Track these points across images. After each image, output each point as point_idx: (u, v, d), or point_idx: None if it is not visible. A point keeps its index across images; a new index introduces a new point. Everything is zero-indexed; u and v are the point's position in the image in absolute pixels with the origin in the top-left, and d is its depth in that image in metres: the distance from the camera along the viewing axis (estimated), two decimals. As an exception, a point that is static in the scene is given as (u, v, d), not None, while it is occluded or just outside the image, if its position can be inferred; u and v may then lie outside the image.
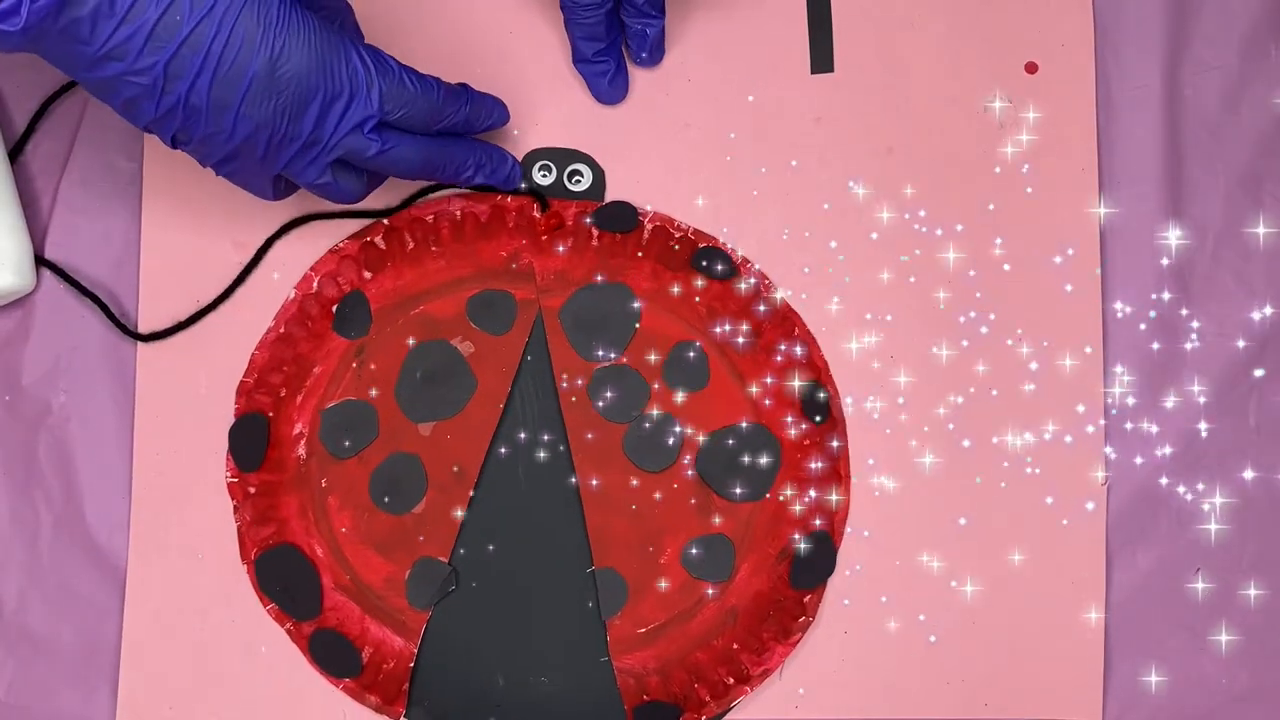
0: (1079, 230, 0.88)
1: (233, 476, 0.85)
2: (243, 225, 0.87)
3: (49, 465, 0.86)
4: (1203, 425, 0.87)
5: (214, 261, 0.87)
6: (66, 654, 0.85)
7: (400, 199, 0.87)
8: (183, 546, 0.85)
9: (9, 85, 0.89)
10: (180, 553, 0.85)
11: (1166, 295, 0.88)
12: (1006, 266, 0.88)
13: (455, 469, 0.86)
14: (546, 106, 0.88)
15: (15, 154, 0.88)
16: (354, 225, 0.87)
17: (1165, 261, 0.88)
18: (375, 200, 0.87)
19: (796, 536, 0.85)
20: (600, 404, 0.86)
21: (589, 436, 0.86)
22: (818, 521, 0.85)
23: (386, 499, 0.85)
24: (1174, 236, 0.88)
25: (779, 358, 0.87)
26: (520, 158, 0.88)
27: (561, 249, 0.87)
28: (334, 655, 0.84)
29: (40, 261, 0.87)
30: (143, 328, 0.87)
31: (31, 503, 0.86)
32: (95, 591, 0.85)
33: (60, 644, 0.85)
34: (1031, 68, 0.89)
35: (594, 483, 0.86)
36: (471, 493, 0.86)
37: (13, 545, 0.85)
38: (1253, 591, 0.86)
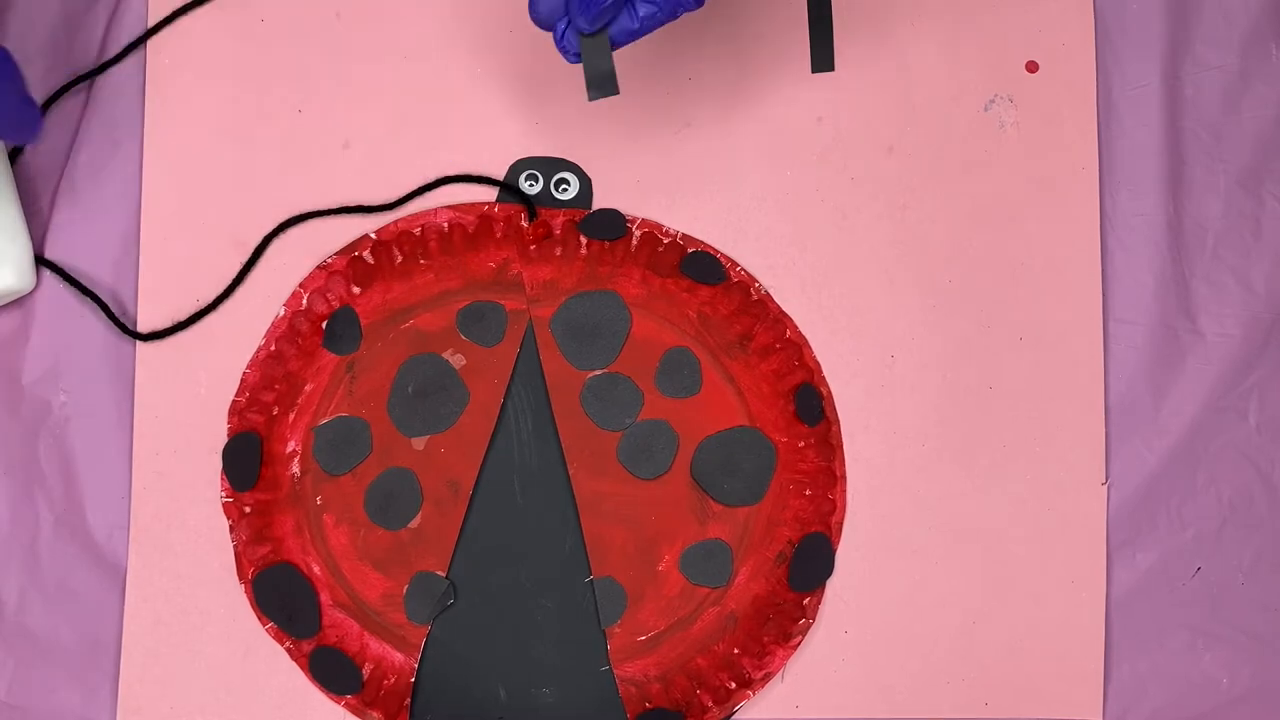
0: (1079, 229, 0.87)
1: (227, 496, 0.85)
2: (242, 224, 0.87)
3: (49, 465, 0.86)
4: (1202, 425, 0.87)
5: (214, 261, 0.87)
6: (66, 654, 0.85)
7: (397, 196, 0.87)
8: (183, 547, 0.85)
9: (8, 85, 0.88)
10: (180, 553, 0.85)
11: (1166, 294, 0.87)
12: (1006, 266, 0.87)
13: (450, 482, 0.85)
14: (534, 114, 0.87)
15: (15, 154, 0.87)
16: (352, 222, 0.87)
17: (1165, 260, 0.87)
18: (374, 197, 0.87)
19: (794, 539, 0.85)
20: (593, 413, 0.86)
21: (583, 446, 0.86)
22: (815, 523, 0.85)
23: (382, 515, 0.85)
24: (1174, 235, 0.87)
25: (772, 360, 0.86)
26: (507, 167, 0.87)
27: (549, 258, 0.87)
28: (335, 672, 0.84)
29: (40, 261, 0.86)
30: (142, 327, 0.86)
31: (31, 503, 0.86)
32: (95, 591, 0.85)
33: (60, 644, 0.85)
34: (1032, 67, 0.88)
35: (589, 492, 0.86)
36: (467, 505, 0.85)
37: (13, 545, 0.85)
38: (1252, 591, 0.86)
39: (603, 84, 0.74)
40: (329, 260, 0.86)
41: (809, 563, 0.85)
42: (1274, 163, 0.87)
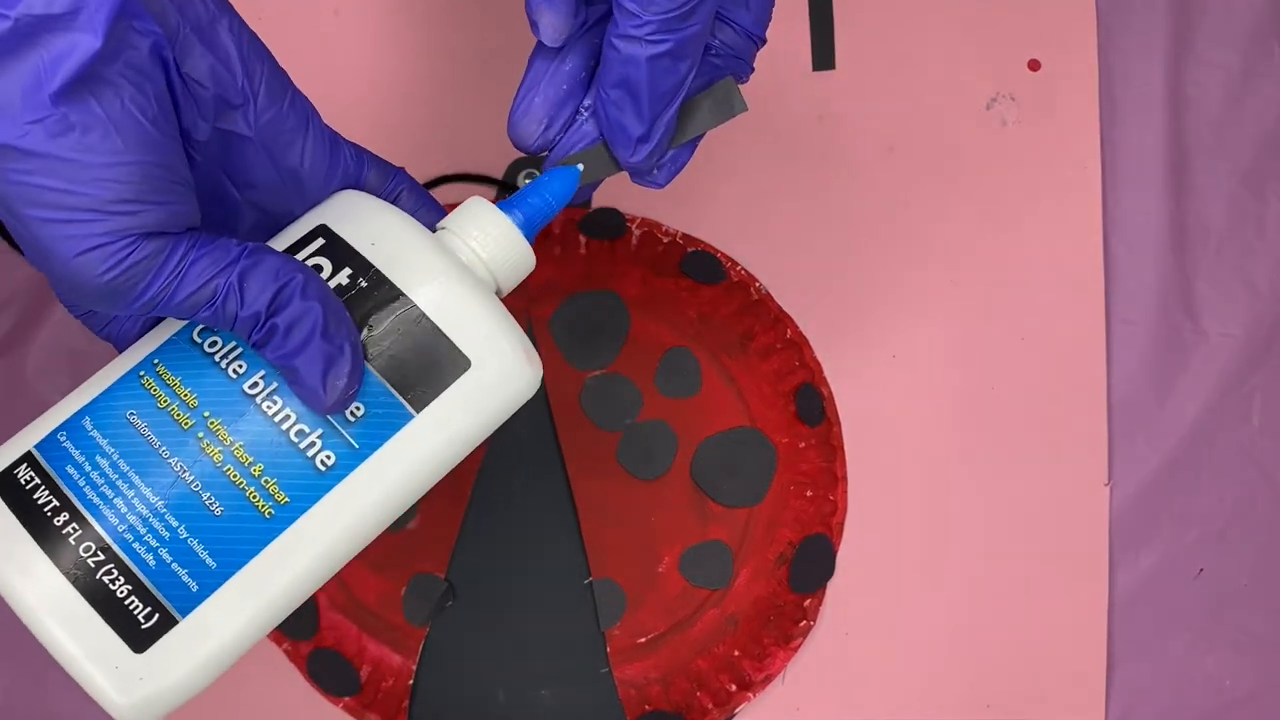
0: (1081, 228, 0.86)
1: (225, 497, 0.85)
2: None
3: (48, 466, 0.86)
4: (1205, 425, 0.86)
5: (210, 260, 0.86)
6: (64, 656, 0.85)
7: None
8: (183, 548, 0.85)
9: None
10: (180, 555, 0.85)
11: (1169, 294, 0.87)
12: (1008, 265, 0.86)
13: (449, 483, 0.85)
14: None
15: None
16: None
17: (1168, 260, 0.87)
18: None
19: (794, 540, 0.85)
20: (592, 413, 0.85)
21: (582, 446, 0.85)
22: (816, 525, 0.85)
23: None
24: (1177, 235, 0.87)
25: (772, 360, 0.86)
26: (506, 166, 0.86)
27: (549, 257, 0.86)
28: (332, 674, 0.83)
29: (37, 262, 0.86)
30: (140, 328, 0.86)
31: (31, 504, 0.85)
32: (94, 592, 0.85)
33: (58, 646, 0.85)
34: (1034, 65, 0.87)
35: (589, 493, 0.85)
36: (465, 506, 0.85)
37: (11, 546, 0.85)
38: (1256, 593, 0.85)
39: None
40: (326, 260, 0.85)
41: (810, 564, 0.84)
42: (1278, 161, 0.87)
